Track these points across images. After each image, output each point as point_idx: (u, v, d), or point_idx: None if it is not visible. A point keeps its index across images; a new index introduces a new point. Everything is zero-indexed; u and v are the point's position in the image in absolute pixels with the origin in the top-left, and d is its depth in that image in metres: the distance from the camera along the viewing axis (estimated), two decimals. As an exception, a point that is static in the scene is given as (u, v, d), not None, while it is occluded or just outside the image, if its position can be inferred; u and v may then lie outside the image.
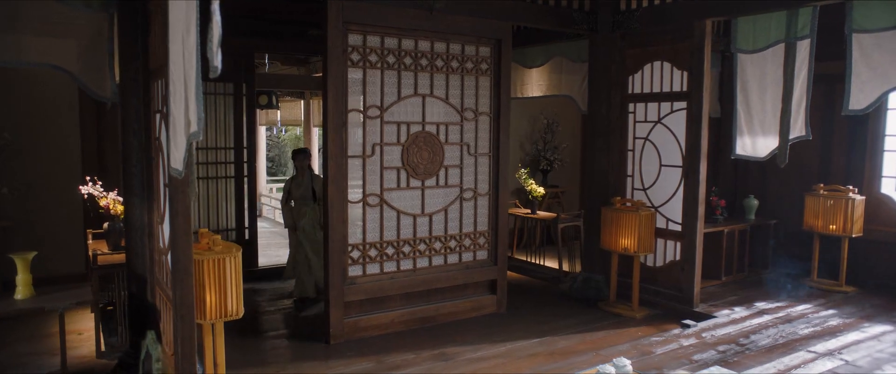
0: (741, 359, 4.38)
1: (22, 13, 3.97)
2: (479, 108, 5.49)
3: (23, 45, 4.01)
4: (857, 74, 4.41)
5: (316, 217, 5.84)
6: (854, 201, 6.01)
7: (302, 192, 5.86)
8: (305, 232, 5.83)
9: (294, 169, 6.07)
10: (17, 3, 3.93)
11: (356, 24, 4.77)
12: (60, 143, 5.99)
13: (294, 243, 5.96)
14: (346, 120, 4.79)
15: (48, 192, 5.94)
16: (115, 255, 4.62)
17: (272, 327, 5.29)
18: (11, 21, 3.91)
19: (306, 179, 5.88)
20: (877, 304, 5.78)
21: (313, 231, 5.83)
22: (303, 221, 5.86)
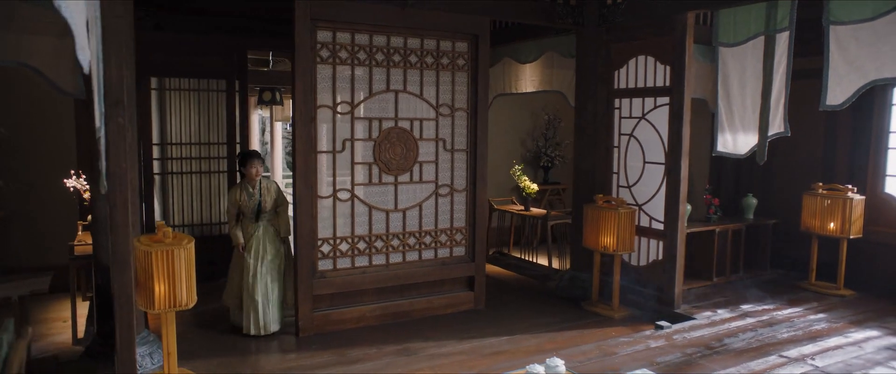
0: (705, 362, 4.26)
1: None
2: (456, 104, 5.47)
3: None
4: (834, 67, 4.21)
5: (273, 235, 4.97)
6: (852, 201, 5.75)
7: (253, 204, 4.92)
8: (259, 255, 4.88)
9: (239, 176, 5.16)
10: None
11: (325, 21, 4.82)
12: (58, 139, 6.24)
13: (240, 267, 4.94)
14: (314, 116, 4.85)
15: (47, 187, 6.20)
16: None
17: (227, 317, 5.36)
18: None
19: (258, 189, 4.92)
20: (873, 309, 5.52)
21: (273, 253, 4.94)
22: (255, 240, 4.90)
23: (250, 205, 4.91)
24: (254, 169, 4.93)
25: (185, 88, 6.51)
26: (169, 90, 6.45)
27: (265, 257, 4.90)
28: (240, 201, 4.93)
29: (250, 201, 4.91)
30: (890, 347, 4.59)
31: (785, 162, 6.88)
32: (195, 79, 6.54)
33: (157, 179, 6.43)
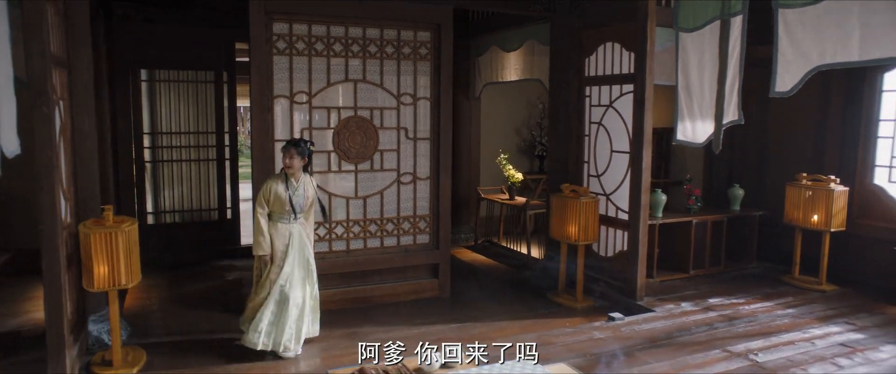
0: (641, 355, 4.20)
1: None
2: (418, 93, 5.52)
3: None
4: (783, 53, 4.03)
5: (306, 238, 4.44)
6: (834, 193, 5.49)
7: (297, 202, 4.31)
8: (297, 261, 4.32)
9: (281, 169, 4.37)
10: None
11: (281, 13, 4.95)
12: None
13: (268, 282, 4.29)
14: (271, 106, 5.00)
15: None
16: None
17: (212, 300, 5.59)
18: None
19: (301, 185, 4.35)
20: (850, 304, 5.28)
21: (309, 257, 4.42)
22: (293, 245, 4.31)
23: (291, 203, 4.26)
24: (291, 160, 4.26)
25: (174, 79, 6.81)
26: (158, 82, 6.76)
27: (306, 265, 4.39)
28: (273, 198, 4.23)
29: (294, 198, 4.27)
30: (845, 343, 4.41)
31: (777, 153, 6.62)
32: (184, 71, 6.82)
33: (148, 168, 6.77)
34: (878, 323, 4.82)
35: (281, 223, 4.31)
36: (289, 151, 4.28)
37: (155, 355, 4.27)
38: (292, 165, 4.27)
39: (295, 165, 4.28)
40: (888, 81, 5.65)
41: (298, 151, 4.30)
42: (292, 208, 4.29)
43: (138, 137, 6.62)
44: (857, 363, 4.06)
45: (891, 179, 5.71)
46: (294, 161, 4.28)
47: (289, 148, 4.29)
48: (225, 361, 4.19)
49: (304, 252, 4.38)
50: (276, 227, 4.31)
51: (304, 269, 4.38)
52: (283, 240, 4.30)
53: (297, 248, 4.32)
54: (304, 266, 4.38)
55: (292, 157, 4.27)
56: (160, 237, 6.81)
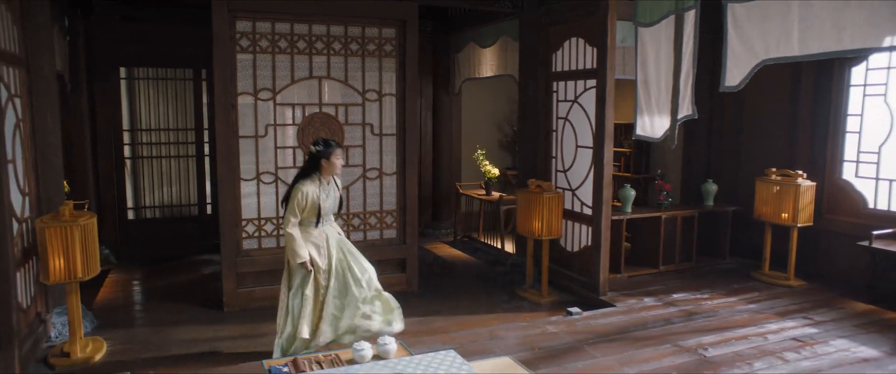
0: (590, 349, 4.22)
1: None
2: (384, 89, 5.57)
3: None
4: (732, 47, 4.02)
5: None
6: (800, 188, 5.46)
7: (330, 204, 4.05)
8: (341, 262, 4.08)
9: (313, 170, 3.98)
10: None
11: (244, 12, 5.03)
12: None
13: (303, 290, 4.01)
14: (235, 102, 5.08)
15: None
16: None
17: (186, 293, 5.70)
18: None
19: (332, 184, 4.08)
20: (814, 300, 5.26)
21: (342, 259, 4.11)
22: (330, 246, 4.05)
23: (325, 206, 3.99)
24: (338, 159, 4.01)
25: (153, 76, 6.93)
26: (138, 79, 6.87)
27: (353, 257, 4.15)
28: (309, 205, 3.92)
29: (326, 202, 4.00)
30: (798, 337, 4.40)
31: (750, 148, 6.58)
32: (164, 68, 6.93)
33: (128, 164, 6.89)
34: (835, 318, 4.80)
35: (313, 229, 3.99)
36: (336, 152, 3.98)
37: (118, 345, 4.38)
38: (338, 166, 4.02)
39: (339, 165, 4.04)
40: (855, 75, 5.59)
41: (342, 152, 4.12)
42: (327, 209, 4.02)
43: (118, 133, 6.74)
44: (802, 357, 4.05)
45: (858, 174, 5.66)
46: (340, 160, 4.05)
47: (335, 148, 3.99)
48: (185, 351, 4.29)
49: (343, 247, 4.13)
50: (310, 233, 3.98)
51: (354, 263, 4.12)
52: (321, 243, 4.02)
53: (335, 247, 4.07)
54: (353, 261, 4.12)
55: (339, 157, 4.03)
56: (140, 232, 6.95)
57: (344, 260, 4.08)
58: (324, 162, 3.96)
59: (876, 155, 5.50)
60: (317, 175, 3.98)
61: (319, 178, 3.99)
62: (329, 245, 4.04)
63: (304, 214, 3.96)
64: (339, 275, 4.07)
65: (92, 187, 6.55)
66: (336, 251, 4.06)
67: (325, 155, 3.95)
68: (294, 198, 3.92)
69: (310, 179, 3.96)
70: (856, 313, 4.95)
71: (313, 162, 3.98)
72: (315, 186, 3.96)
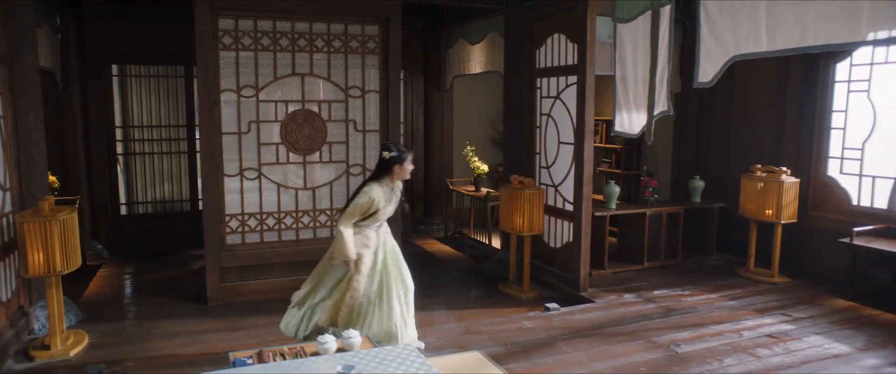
0: (562, 344, 4.24)
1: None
2: (367, 86, 5.61)
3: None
4: (704, 43, 4.01)
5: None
6: (783, 184, 5.44)
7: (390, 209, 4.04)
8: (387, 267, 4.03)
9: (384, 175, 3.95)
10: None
11: (227, 10, 5.08)
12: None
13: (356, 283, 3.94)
14: (218, 100, 5.14)
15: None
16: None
17: (175, 287, 5.78)
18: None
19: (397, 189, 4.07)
20: (795, 296, 5.24)
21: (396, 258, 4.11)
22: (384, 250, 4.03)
23: (386, 211, 3.98)
24: (410, 166, 4.02)
25: (145, 74, 7.01)
26: (130, 77, 6.96)
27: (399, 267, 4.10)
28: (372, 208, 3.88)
29: (389, 207, 3.98)
30: (773, 334, 4.39)
31: (738, 144, 6.55)
32: (155, 66, 7.01)
33: (120, 160, 6.99)
34: (814, 315, 4.78)
35: (371, 231, 3.97)
36: (408, 157, 3.97)
37: (99, 338, 4.45)
38: (408, 171, 4.00)
39: (409, 171, 4.02)
40: (840, 71, 5.55)
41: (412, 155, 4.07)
42: (387, 214, 4.01)
43: (110, 130, 6.83)
44: (774, 354, 4.05)
45: (842, 171, 5.62)
46: (411, 165, 4.02)
47: (408, 153, 3.98)
48: (164, 343, 4.36)
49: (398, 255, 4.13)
50: (367, 235, 3.95)
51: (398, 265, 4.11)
52: (376, 244, 3.99)
53: (390, 248, 4.08)
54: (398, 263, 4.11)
55: (411, 162, 4.01)
56: (133, 228, 7.05)
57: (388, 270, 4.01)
58: (396, 168, 3.93)
59: (860, 152, 5.46)
60: (386, 180, 3.96)
61: (388, 183, 3.97)
62: (383, 246, 4.02)
63: (369, 218, 3.92)
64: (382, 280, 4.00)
65: (85, 182, 6.66)
66: (388, 257, 4.03)
67: (399, 161, 3.92)
68: (360, 200, 3.88)
69: (379, 183, 3.93)
70: (836, 309, 4.93)
71: (386, 167, 3.94)
72: (383, 191, 3.93)
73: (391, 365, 2.75)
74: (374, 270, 3.98)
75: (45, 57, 5.81)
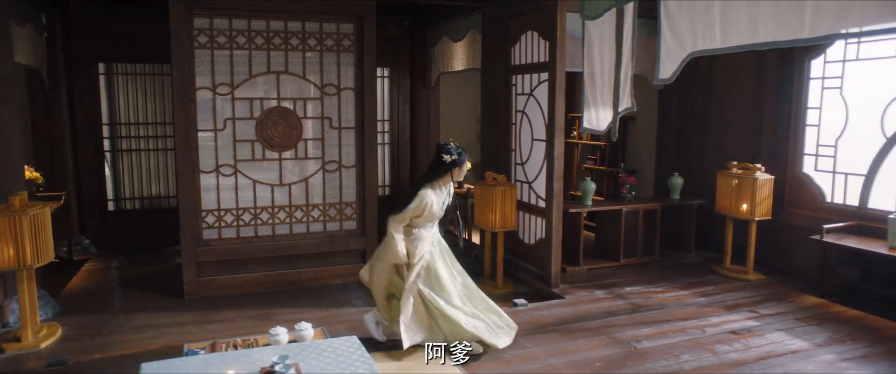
0: (522, 340, 4.27)
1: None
2: (342, 83, 5.67)
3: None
4: (665, 40, 4.03)
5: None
6: (757, 181, 5.43)
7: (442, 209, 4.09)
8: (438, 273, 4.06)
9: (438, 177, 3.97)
10: None
11: (201, 9, 5.16)
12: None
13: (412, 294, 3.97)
14: (193, 97, 5.23)
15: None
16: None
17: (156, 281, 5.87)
18: None
19: (448, 192, 4.12)
20: (767, 293, 5.25)
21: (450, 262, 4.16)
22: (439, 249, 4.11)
23: (439, 212, 4.02)
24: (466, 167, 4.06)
25: (132, 72, 7.12)
26: (116, 75, 7.08)
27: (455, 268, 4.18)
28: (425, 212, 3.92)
29: (442, 208, 4.02)
30: (737, 330, 4.41)
31: (718, 141, 6.54)
32: (142, 64, 7.12)
33: (108, 157, 7.11)
34: (781, 312, 4.79)
35: (424, 230, 4.02)
36: (466, 159, 3.99)
37: (73, 331, 4.55)
38: (463, 173, 4.04)
39: (464, 172, 4.04)
40: (815, 68, 5.52)
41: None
42: (439, 214, 4.04)
43: (98, 127, 6.95)
44: (733, 350, 4.07)
45: (817, 168, 5.60)
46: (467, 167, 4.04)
47: (465, 155, 3.99)
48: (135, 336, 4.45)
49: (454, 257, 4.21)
50: (421, 236, 4.00)
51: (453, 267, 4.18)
52: (429, 244, 4.03)
53: (444, 249, 4.14)
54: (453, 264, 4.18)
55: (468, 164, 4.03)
56: (121, 223, 7.17)
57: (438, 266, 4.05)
58: (455, 170, 3.95)
59: (833, 149, 5.44)
60: (440, 182, 3.96)
61: (440, 184, 3.97)
62: (435, 246, 4.06)
63: (420, 219, 3.96)
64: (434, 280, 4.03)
65: (72, 178, 6.78)
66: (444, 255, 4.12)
67: (459, 164, 3.93)
68: (413, 205, 3.90)
69: (432, 186, 3.94)
70: (804, 306, 4.92)
71: (444, 170, 3.94)
72: (437, 193, 3.94)
73: (329, 358, 2.81)
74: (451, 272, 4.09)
75: (30, 55, 5.93)
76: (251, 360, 2.76)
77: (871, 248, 4.72)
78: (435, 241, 4.08)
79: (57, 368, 3.86)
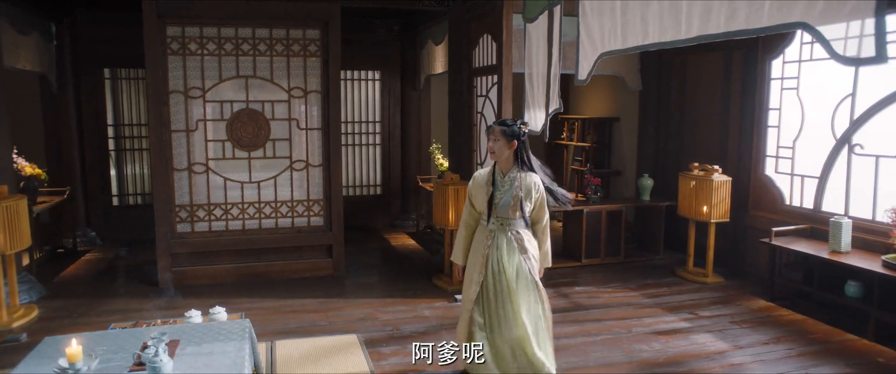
0: (444, 333, 4.43)
1: None
2: (309, 86, 5.95)
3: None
4: (582, 42, 4.10)
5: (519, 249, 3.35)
6: (713, 183, 5.37)
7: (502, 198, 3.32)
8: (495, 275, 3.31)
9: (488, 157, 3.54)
10: None
11: (173, 18, 5.54)
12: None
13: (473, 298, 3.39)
14: (167, 100, 5.62)
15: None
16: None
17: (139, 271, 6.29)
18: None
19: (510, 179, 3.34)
20: (717, 296, 5.20)
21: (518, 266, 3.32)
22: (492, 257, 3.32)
23: (491, 200, 3.33)
24: (494, 143, 3.33)
25: (134, 76, 7.64)
26: (120, 79, 7.62)
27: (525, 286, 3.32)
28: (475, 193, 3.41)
29: (497, 194, 3.32)
30: (664, 330, 4.42)
31: (690, 142, 6.47)
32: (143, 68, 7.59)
33: (112, 155, 7.65)
34: (719, 314, 4.74)
35: (483, 226, 3.39)
36: (491, 132, 3.33)
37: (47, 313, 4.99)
38: (494, 150, 3.32)
39: (497, 150, 3.31)
40: (775, 68, 5.41)
41: (504, 132, 3.28)
42: (491, 207, 3.32)
43: (102, 128, 7.50)
44: (648, 350, 4.08)
45: (777, 170, 5.48)
46: (498, 144, 3.30)
47: (491, 127, 3.35)
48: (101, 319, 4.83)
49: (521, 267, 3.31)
50: (479, 233, 3.40)
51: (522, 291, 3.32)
52: (483, 248, 3.35)
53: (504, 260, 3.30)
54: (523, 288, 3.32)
55: (496, 138, 3.30)
56: (123, 217, 7.69)
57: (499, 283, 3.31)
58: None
59: (791, 150, 5.32)
60: (496, 167, 3.38)
61: (494, 166, 3.39)
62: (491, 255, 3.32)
63: (475, 207, 3.43)
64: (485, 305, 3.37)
65: (79, 175, 7.34)
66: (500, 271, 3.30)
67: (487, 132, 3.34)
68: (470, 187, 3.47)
69: (489, 168, 3.43)
70: (749, 310, 4.86)
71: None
72: (487, 176, 3.39)
73: (210, 336, 3.06)
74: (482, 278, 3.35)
75: (37, 62, 6.51)
76: (142, 336, 3.03)
77: (813, 251, 4.62)
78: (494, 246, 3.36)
79: (10, 344, 4.28)
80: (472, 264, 3.42)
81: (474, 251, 3.41)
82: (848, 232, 4.50)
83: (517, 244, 3.33)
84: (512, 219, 3.32)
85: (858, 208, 4.73)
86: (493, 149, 3.35)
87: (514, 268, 3.31)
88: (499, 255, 3.32)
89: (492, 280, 3.34)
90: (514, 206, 3.29)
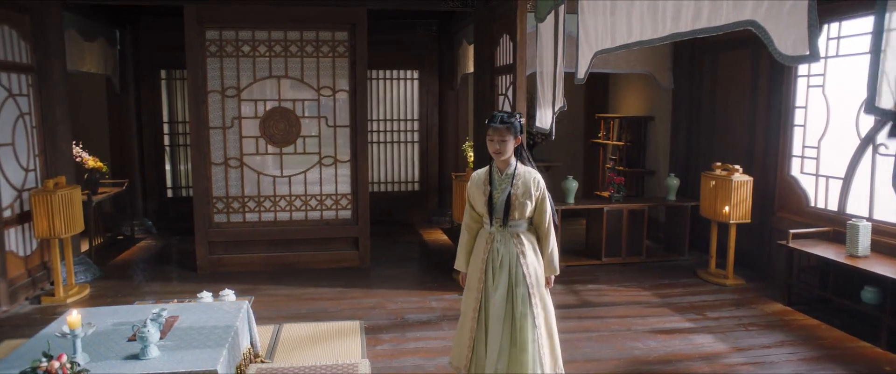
0: (445, 323, 4.57)
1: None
2: (338, 85, 6.24)
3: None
4: (581, 43, 4.13)
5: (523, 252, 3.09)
6: (732, 183, 5.24)
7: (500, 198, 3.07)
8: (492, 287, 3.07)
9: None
10: None
11: (212, 22, 5.97)
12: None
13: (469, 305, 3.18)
14: (205, 99, 6.06)
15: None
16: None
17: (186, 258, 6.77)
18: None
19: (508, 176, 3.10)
20: (733, 299, 5.07)
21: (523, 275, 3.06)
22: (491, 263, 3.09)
23: (490, 201, 3.08)
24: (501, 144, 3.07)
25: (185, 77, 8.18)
26: (176, 80, 8.20)
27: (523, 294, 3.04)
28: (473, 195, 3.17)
29: (494, 193, 3.08)
30: (665, 330, 4.38)
31: (719, 142, 6.30)
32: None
33: (167, 151, 8.26)
34: (728, 316, 4.64)
35: (483, 230, 3.18)
36: (497, 132, 3.05)
37: (97, 292, 5.52)
38: (501, 151, 3.06)
39: (504, 150, 3.06)
40: (802, 65, 5.19)
41: (509, 128, 3.04)
42: (490, 207, 3.08)
43: (159, 126, 8.11)
44: (642, 348, 4.07)
45: (802, 171, 5.26)
46: (505, 144, 3.05)
47: (494, 127, 3.04)
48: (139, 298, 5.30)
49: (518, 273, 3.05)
50: (479, 236, 3.20)
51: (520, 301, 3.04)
52: (482, 254, 3.13)
53: (505, 267, 3.06)
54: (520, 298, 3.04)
55: (503, 138, 3.05)
56: (177, 208, 8.29)
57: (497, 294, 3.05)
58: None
59: (816, 150, 5.11)
60: (493, 165, 3.14)
61: (492, 165, 3.15)
62: (490, 260, 3.09)
63: (475, 208, 3.20)
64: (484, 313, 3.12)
65: (137, 170, 7.98)
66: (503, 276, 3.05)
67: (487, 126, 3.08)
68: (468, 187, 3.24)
69: (486, 167, 3.20)
70: (762, 313, 4.73)
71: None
72: (484, 175, 3.16)
73: (207, 314, 3.36)
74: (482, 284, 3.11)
75: (102, 65, 7.15)
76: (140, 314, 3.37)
77: (829, 255, 4.44)
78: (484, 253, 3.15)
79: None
80: (472, 271, 3.18)
81: (475, 256, 3.17)
82: (866, 236, 4.30)
83: (517, 250, 3.06)
84: (511, 221, 3.05)
85: (883, 210, 4.50)
86: (499, 150, 3.05)
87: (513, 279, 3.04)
88: (496, 265, 3.07)
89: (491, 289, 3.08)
90: (513, 206, 3.03)
